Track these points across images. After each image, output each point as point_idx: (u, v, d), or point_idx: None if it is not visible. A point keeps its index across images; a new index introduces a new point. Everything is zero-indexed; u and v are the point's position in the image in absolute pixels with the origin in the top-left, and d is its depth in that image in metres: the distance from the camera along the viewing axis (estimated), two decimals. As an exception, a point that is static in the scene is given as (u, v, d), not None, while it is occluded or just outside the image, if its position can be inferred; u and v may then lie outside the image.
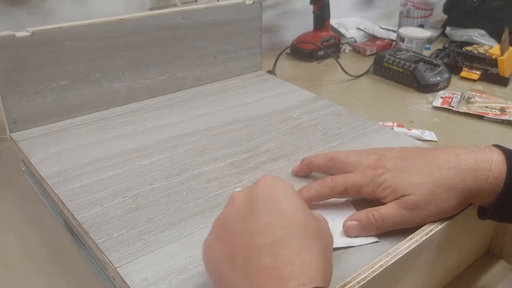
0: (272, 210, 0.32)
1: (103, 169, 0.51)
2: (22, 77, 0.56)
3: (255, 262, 0.29)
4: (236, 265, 0.30)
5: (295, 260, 0.29)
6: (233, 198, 0.34)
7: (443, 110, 0.83)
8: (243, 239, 0.31)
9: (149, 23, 0.64)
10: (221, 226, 0.33)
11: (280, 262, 0.29)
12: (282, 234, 0.30)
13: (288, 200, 0.33)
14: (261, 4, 0.75)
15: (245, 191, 0.34)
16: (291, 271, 0.28)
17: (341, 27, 1.18)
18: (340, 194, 0.43)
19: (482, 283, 0.47)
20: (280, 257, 0.29)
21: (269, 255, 0.29)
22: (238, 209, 0.33)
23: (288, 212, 0.32)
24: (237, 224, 0.32)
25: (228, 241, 0.32)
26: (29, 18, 0.78)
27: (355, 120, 0.63)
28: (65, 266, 0.47)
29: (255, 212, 0.32)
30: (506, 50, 0.96)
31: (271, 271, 0.28)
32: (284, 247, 0.29)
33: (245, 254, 0.30)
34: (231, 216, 0.33)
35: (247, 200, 0.33)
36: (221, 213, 0.35)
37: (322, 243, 0.32)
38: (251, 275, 0.29)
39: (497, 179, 0.38)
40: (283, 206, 0.32)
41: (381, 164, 0.42)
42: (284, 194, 0.33)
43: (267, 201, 0.32)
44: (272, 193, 0.33)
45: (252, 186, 0.35)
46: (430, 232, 0.39)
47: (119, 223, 0.43)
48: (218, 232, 0.33)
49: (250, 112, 0.64)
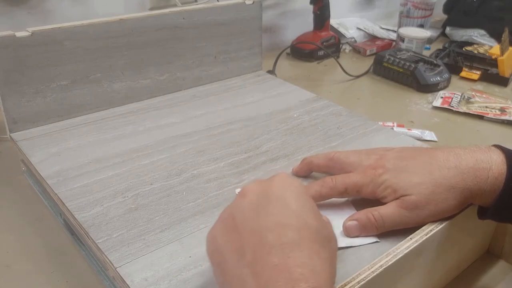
0: (285, 211, 0.32)
1: (103, 169, 0.51)
2: (22, 77, 0.56)
3: (265, 260, 0.29)
4: (244, 259, 0.30)
5: (306, 263, 0.29)
6: (246, 191, 0.34)
7: (443, 110, 0.83)
8: (254, 235, 0.30)
9: (149, 23, 0.64)
10: (230, 218, 0.33)
11: (291, 263, 0.28)
12: (294, 236, 0.30)
13: (301, 202, 0.33)
14: (261, 4, 0.75)
15: (258, 186, 0.34)
16: (302, 274, 0.28)
17: (341, 27, 1.18)
18: (340, 194, 0.43)
19: (482, 283, 0.47)
20: (291, 258, 0.29)
21: (280, 255, 0.29)
22: (250, 204, 0.33)
23: (301, 215, 0.32)
24: (248, 218, 0.32)
25: (237, 234, 0.31)
26: (29, 18, 0.78)
27: (355, 120, 0.63)
28: (65, 266, 0.47)
29: (268, 210, 0.32)
30: (506, 50, 0.96)
31: (281, 271, 0.28)
32: (296, 249, 0.29)
33: (255, 250, 0.30)
34: (242, 209, 0.33)
35: (260, 196, 0.33)
36: (231, 204, 0.34)
37: (330, 249, 0.32)
38: (260, 272, 0.28)
39: (497, 179, 0.38)
40: (296, 208, 0.32)
41: (381, 164, 0.42)
42: (297, 196, 0.33)
43: (280, 201, 0.32)
44: (286, 193, 0.33)
45: (266, 183, 0.34)
46: (430, 232, 0.39)
47: (119, 223, 0.43)
48: (226, 223, 0.33)
49: (250, 112, 0.64)
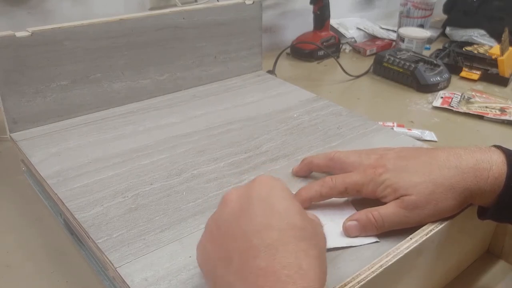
0: (268, 212, 0.31)
1: (103, 169, 0.51)
2: (22, 77, 0.56)
3: (251, 265, 0.29)
4: (232, 267, 0.29)
5: (293, 263, 0.28)
6: (227, 198, 0.33)
7: (443, 110, 0.83)
8: (239, 240, 0.30)
9: (149, 23, 0.64)
10: (215, 227, 0.33)
11: (277, 265, 0.28)
12: (279, 236, 0.29)
13: (284, 201, 0.32)
14: (261, 4, 0.75)
15: (239, 191, 0.34)
16: (288, 276, 0.27)
17: (341, 27, 1.18)
18: (340, 194, 0.43)
19: (482, 283, 0.47)
20: (277, 260, 0.28)
21: (266, 257, 0.28)
22: (232, 209, 0.32)
23: (284, 214, 0.31)
24: (232, 225, 0.31)
25: (223, 242, 0.31)
26: (29, 18, 0.78)
27: (355, 120, 0.63)
28: (65, 266, 0.47)
29: (251, 213, 0.31)
30: (506, 50, 0.96)
31: (267, 275, 0.28)
32: (281, 249, 0.29)
33: (241, 256, 0.29)
34: (225, 216, 0.32)
35: (242, 200, 0.32)
36: (214, 213, 0.34)
37: (318, 246, 0.31)
38: (247, 278, 0.28)
39: (497, 179, 0.38)
40: (279, 207, 0.31)
41: (381, 164, 0.42)
42: (280, 196, 0.33)
43: (262, 202, 0.32)
44: (268, 194, 0.32)
45: (246, 186, 0.34)
46: (430, 232, 0.39)
47: (119, 223, 0.43)
48: (212, 233, 0.33)
49: (250, 112, 0.64)
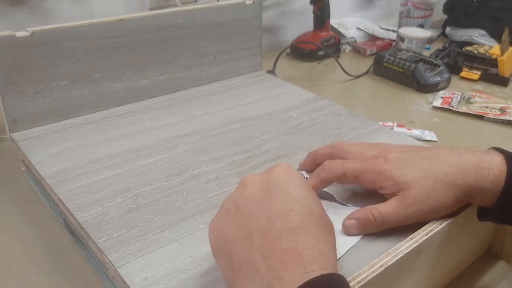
0: (289, 198, 0.32)
1: (103, 169, 0.51)
2: (22, 77, 0.56)
3: (274, 245, 0.30)
4: (253, 245, 0.30)
5: (314, 246, 0.30)
6: (246, 181, 0.35)
7: (443, 110, 0.83)
8: (261, 222, 0.31)
9: (149, 23, 0.64)
10: (234, 207, 0.33)
11: (300, 247, 0.29)
12: (300, 222, 0.31)
13: (303, 190, 0.34)
14: (261, 4, 0.75)
15: (258, 176, 0.35)
16: (312, 256, 0.29)
17: (341, 27, 1.18)
18: (339, 178, 0.43)
19: (482, 283, 0.47)
20: (300, 242, 0.30)
21: (289, 239, 0.30)
22: (254, 192, 0.33)
23: (304, 202, 0.32)
24: (254, 207, 0.32)
25: (243, 222, 0.32)
26: (29, 18, 0.78)
27: (355, 120, 0.63)
28: (65, 266, 0.47)
29: (272, 198, 0.32)
30: (506, 50, 0.96)
31: (292, 254, 0.29)
32: (302, 234, 0.30)
33: (263, 236, 0.30)
34: (246, 198, 0.33)
35: (263, 184, 0.34)
36: (232, 194, 0.35)
37: (332, 234, 0.33)
38: (270, 256, 0.29)
39: (497, 178, 0.38)
40: (298, 195, 0.33)
41: (383, 155, 0.42)
42: (299, 184, 0.34)
43: (283, 190, 0.33)
44: (288, 181, 0.34)
45: (266, 172, 0.35)
46: (430, 232, 0.38)
47: (119, 223, 0.43)
48: (231, 213, 0.33)
49: (250, 112, 0.64)
